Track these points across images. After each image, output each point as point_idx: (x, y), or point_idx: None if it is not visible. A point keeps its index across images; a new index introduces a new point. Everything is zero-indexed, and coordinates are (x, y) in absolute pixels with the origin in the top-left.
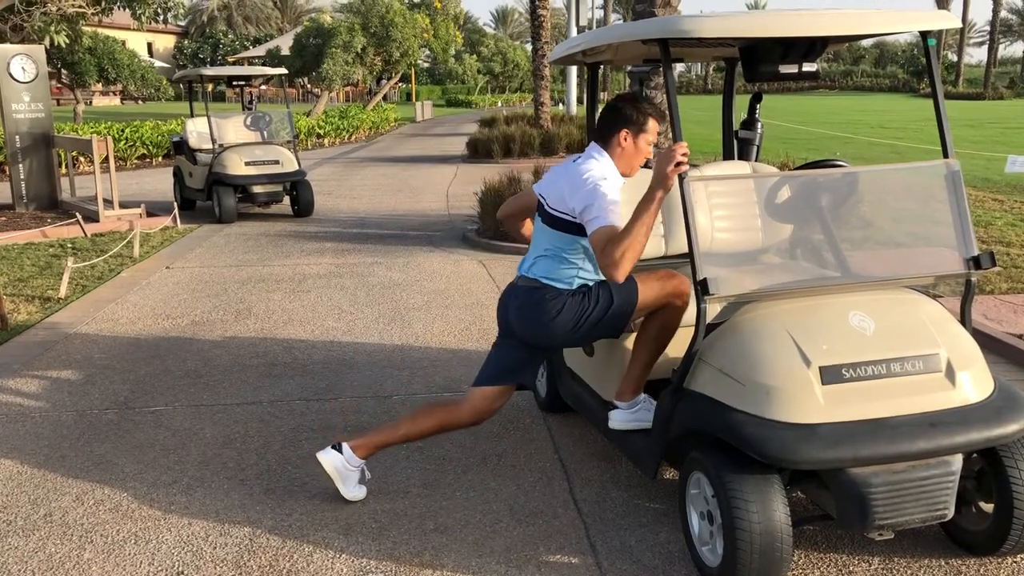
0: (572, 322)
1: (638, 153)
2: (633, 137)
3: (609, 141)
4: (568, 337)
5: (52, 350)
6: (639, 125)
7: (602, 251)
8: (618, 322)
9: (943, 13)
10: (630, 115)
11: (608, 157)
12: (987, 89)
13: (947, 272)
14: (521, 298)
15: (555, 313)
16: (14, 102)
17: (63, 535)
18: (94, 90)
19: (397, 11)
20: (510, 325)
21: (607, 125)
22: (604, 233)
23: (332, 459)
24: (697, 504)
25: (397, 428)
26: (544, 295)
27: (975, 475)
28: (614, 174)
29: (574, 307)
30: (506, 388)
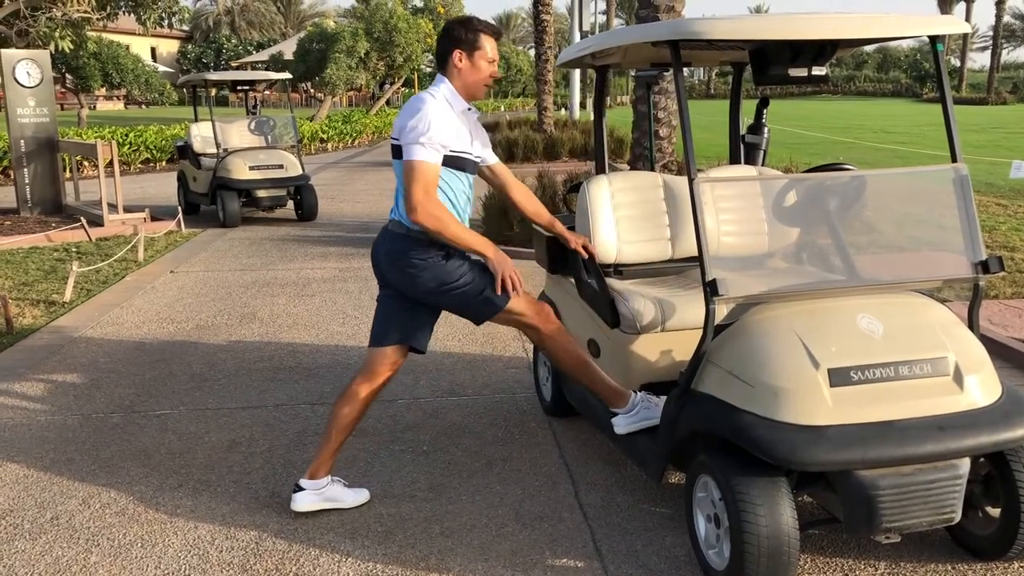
0: (436, 282)
1: (476, 71)
2: (468, 56)
3: (446, 65)
4: (430, 297)
5: (57, 354)
6: (471, 43)
7: (407, 186)
8: (482, 310)
9: (953, 18)
10: (460, 34)
11: (447, 82)
12: (990, 94)
13: (955, 276)
14: (389, 245)
15: (421, 268)
16: (19, 106)
17: (70, 538)
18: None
19: (400, 16)
20: (382, 271)
21: (440, 49)
22: (410, 167)
23: (305, 499)
24: (704, 507)
25: (329, 432)
26: (411, 245)
27: (982, 479)
28: (454, 99)
29: (443, 270)
30: (397, 348)
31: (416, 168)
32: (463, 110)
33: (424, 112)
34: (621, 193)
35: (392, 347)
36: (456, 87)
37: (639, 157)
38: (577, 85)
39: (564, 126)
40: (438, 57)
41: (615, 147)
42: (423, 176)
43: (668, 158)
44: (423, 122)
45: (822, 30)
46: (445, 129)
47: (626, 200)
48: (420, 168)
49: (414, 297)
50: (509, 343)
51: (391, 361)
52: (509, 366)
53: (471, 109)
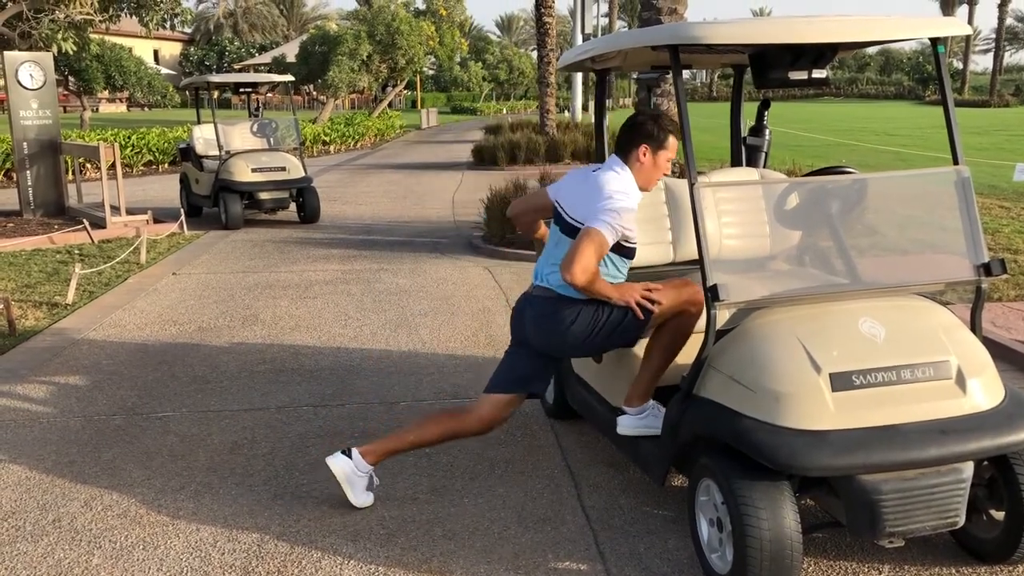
0: (587, 331)
1: (656, 169)
2: (653, 153)
3: (629, 155)
4: (583, 346)
5: (59, 356)
6: (659, 141)
7: (578, 247)
8: (633, 331)
9: (954, 20)
10: (651, 131)
11: (628, 171)
12: (993, 96)
13: (957, 279)
14: (536, 308)
15: (570, 322)
16: (22, 109)
17: (71, 541)
18: (100, 97)
19: (403, 19)
20: (524, 335)
21: (628, 139)
22: (588, 234)
23: (342, 464)
24: (706, 511)
25: (406, 435)
26: (559, 304)
27: (986, 483)
28: (634, 189)
29: (588, 316)
30: (517, 396)
31: (594, 238)
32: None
33: (620, 198)
34: None
35: (509, 396)
36: (636, 178)
37: None
38: (579, 87)
39: (566, 128)
40: (620, 145)
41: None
42: (599, 248)
43: None
44: (618, 206)
45: (822, 33)
46: (630, 219)
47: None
48: (599, 240)
49: (561, 354)
50: None
51: (503, 410)
52: None
53: None
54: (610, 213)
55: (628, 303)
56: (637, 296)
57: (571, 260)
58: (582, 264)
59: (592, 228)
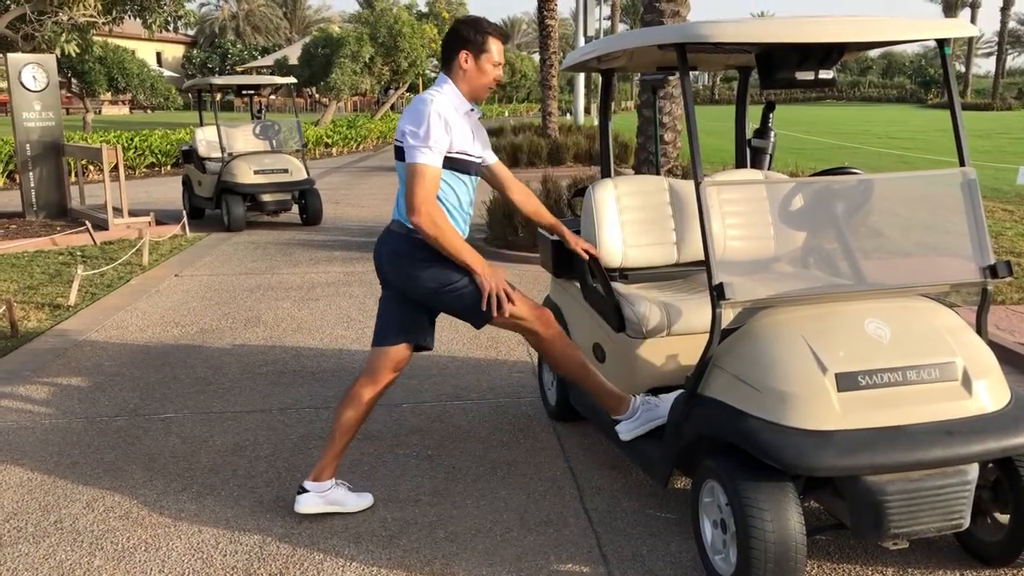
0: (436, 283)
1: (481, 74)
2: (474, 58)
3: (451, 65)
4: (429, 298)
5: (62, 357)
6: (478, 45)
7: (409, 188)
8: (478, 315)
9: (960, 22)
10: (468, 35)
11: (451, 83)
12: (995, 99)
13: (963, 280)
14: (391, 244)
15: (421, 268)
16: (25, 111)
17: (73, 542)
18: (103, 99)
19: (405, 21)
20: (384, 272)
21: (447, 48)
22: (413, 170)
23: (308, 500)
24: (710, 512)
25: (333, 434)
26: (413, 246)
27: (991, 485)
28: (451, 99)
29: (441, 272)
30: (402, 347)
31: (418, 171)
32: (466, 111)
33: (427, 114)
34: (627, 197)
35: (395, 347)
36: (460, 88)
37: (644, 162)
38: (581, 90)
39: (568, 131)
40: (443, 56)
41: (619, 152)
42: (425, 179)
43: (673, 162)
44: (425, 124)
45: (829, 33)
46: (447, 131)
47: (632, 204)
48: (422, 171)
49: (414, 298)
50: (514, 347)
51: (395, 361)
52: (514, 370)
53: (473, 110)
54: (419, 136)
55: (486, 287)
56: (497, 286)
57: (409, 203)
58: (422, 206)
59: (412, 163)
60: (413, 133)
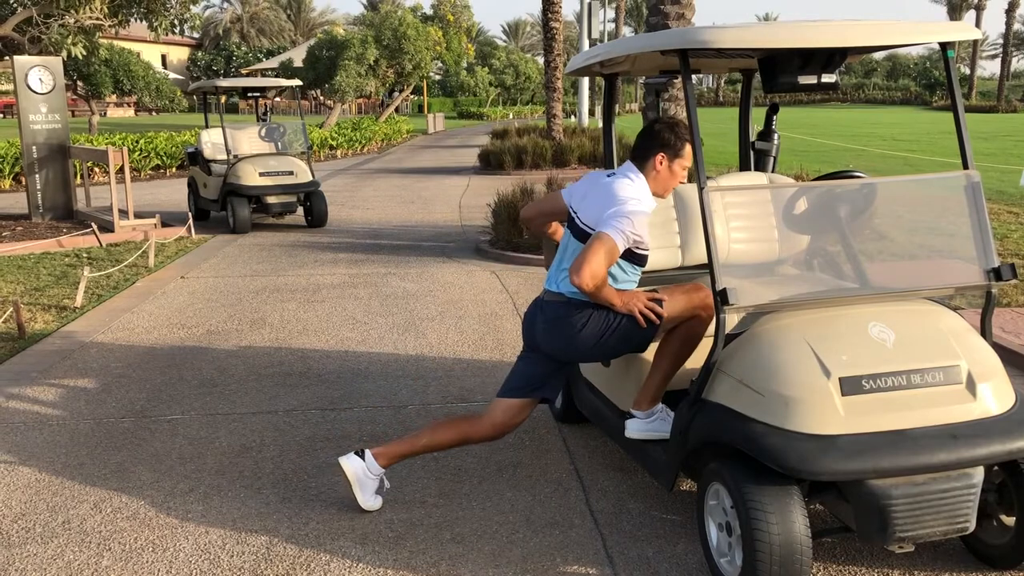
0: (597, 336)
1: (672, 177)
2: (669, 161)
3: (645, 163)
4: (594, 351)
5: (68, 359)
6: (675, 150)
7: (588, 252)
8: (644, 335)
9: (964, 25)
10: (668, 139)
11: (643, 178)
12: (1000, 102)
13: (967, 284)
14: (548, 313)
15: (580, 327)
16: (31, 113)
17: (81, 543)
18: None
19: (410, 24)
20: (536, 340)
21: (645, 147)
22: (599, 238)
23: (354, 465)
24: (716, 515)
25: (419, 439)
26: (570, 309)
27: (996, 488)
28: (647, 196)
29: (599, 321)
30: (529, 402)
31: (606, 243)
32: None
33: (633, 205)
34: None
35: (522, 400)
36: (650, 185)
37: None
38: (586, 92)
39: (573, 133)
40: (638, 150)
41: (624, 154)
42: (609, 255)
43: None
44: (630, 212)
45: (832, 38)
46: (642, 226)
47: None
48: (610, 246)
49: (572, 359)
50: (518, 349)
51: (516, 414)
52: None
53: None
54: (622, 219)
55: (631, 312)
56: (640, 305)
57: (580, 264)
58: (591, 269)
59: (603, 233)
60: (615, 215)
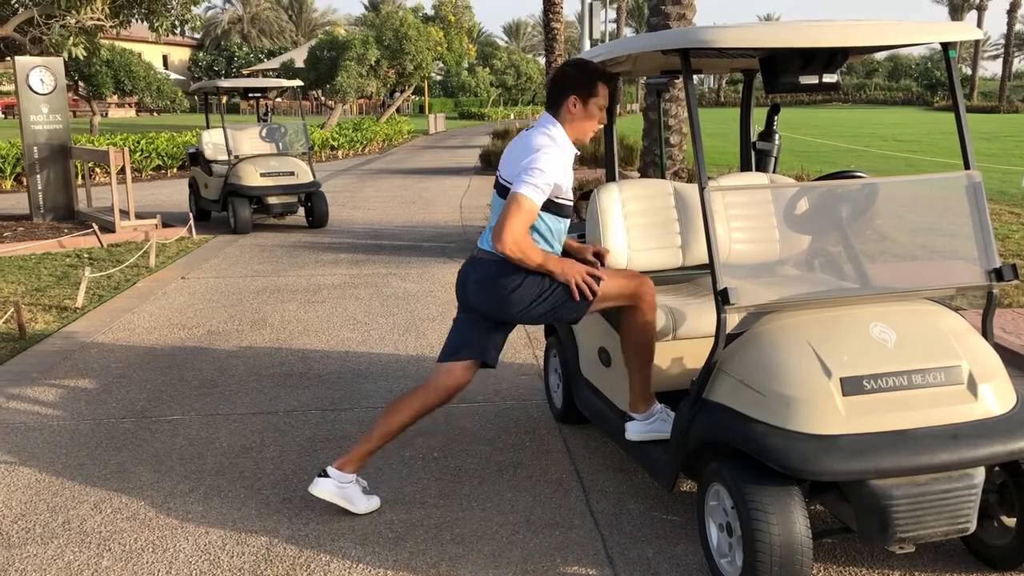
0: (529, 298)
1: (588, 118)
2: (583, 103)
3: (559, 108)
4: (525, 313)
5: (69, 359)
6: (587, 90)
7: (505, 216)
8: (576, 308)
9: (965, 25)
10: (577, 79)
11: (559, 126)
12: (1002, 102)
13: (969, 284)
14: (480, 272)
15: (512, 288)
16: (32, 114)
17: (81, 543)
18: (110, 102)
19: (411, 24)
20: (469, 299)
21: (556, 93)
22: (514, 199)
23: (325, 486)
24: (716, 516)
25: (373, 432)
26: (502, 268)
27: (997, 489)
28: (563, 143)
29: (533, 285)
30: (469, 364)
31: (519, 202)
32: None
33: (543, 154)
34: (632, 201)
35: (461, 364)
36: (567, 131)
37: (649, 164)
38: None
39: None
40: (551, 97)
41: (624, 155)
42: (524, 212)
43: (679, 166)
44: (540, 163)
45: (833, 38)
46: (558, 175)
47: (637, 208)
48: (523, 204)
49: (503, 319)
50: (520, 350)
51: (456, 379)
52: (520, 373)
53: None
54: (533, 171)
55: (568, 282)
56: (578, 277)
57: (500, 229)
58: (512, 234)
59: (516, 193)
60: (527, 167)
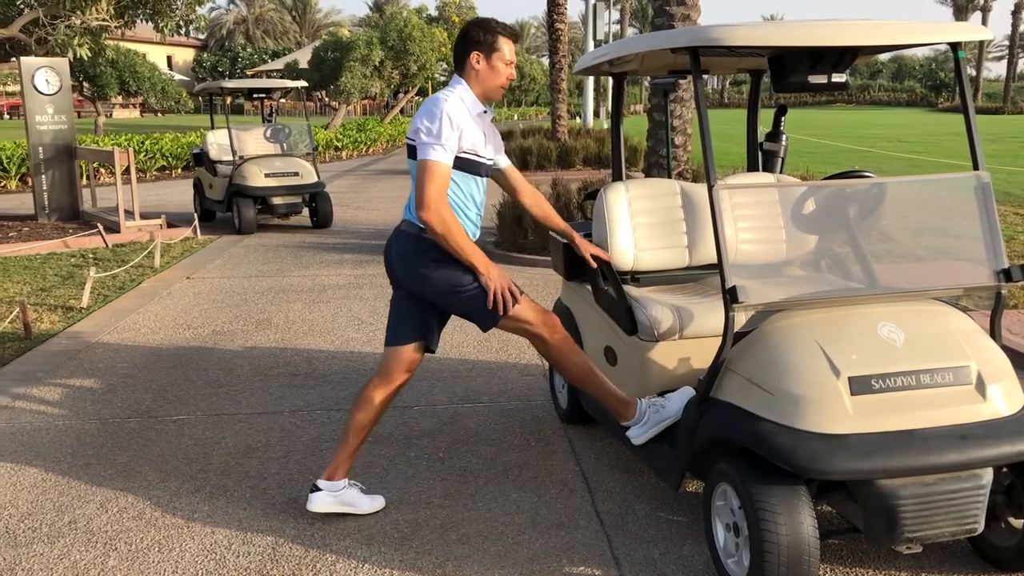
0: (447, 285)
1: (494, 74)
2: (485, 58)
3: (463, 67)
4: (439, 297)
5: (74, 359)
6: (489, 45)
7: (419, 185)
8: (486, 315)
9: (973, 25)
10: (478, 36)
11: (464, 84)
12: (1007, 103)
13: (977, 284)
14: (402, 244)
15: (432, 266)
16: (38, 114)
17: (87, 542)
18: (114, 102)
19: (415, 25)
20: (395, 273)
21: (458, 50)
22: (423, 166)
23: (321, 499)
24: (723, 516)
25: (347, 433)
26: (424, 246)
27: (1005, 490)
28: (469, 99)
29: (455, 273)
30: (415, 346)
31: (429, 168)
32: (478, 112)
33: (439, 113)
34: (638, 200)
35: (408, 347)
36: (473, 89)
37: (654, 165)
38: (591, 94)
39: (578, 134)
40: (455, 58)
41: (629, 155)
42: (435, 176)
43: (683, 166)
44: (437, 123)
45: (843, 37)
46: (459, 131)
47: (643, 207)
48: (433, 168)
49: (424, 298)
50: (524, 350)
51: (407, 361)
52: (525, 373)
53: (486, 112)
54: (432, 132)
55: (489, 287)
56: (499, 287)
57: (420, 198)
58: (431, 202)
59: (423, 159)
60: (426, 130)
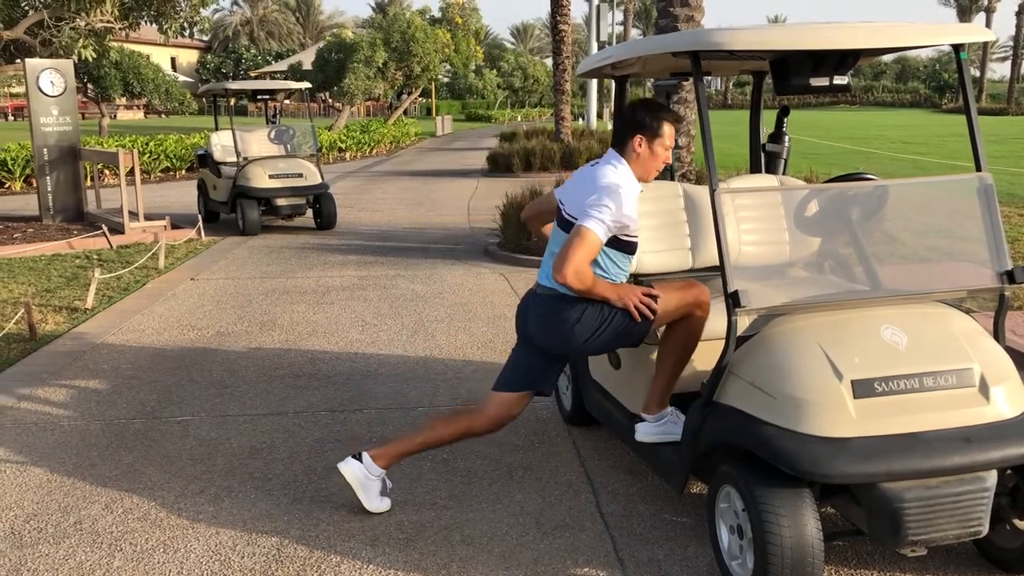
0: (591, 330)
1: (654, 158)
2: (648, 143)
3: (625, 147)
4: (587, 345)
5: (79, 360)
6: (654, 130)
7: (568, 249)
8: (638, 331)
9: (977, 27)
10: (644, 120)
11: (625, 164)
12: (1011, 104)
13: (980, 286)
14: (541, 307)
15: (574, 321)
16: (42, 115)
17: (93, 543)
18: (118, 104)
19: (418, 26)
20: (529, 332)
21: (623, 131)
22: (578, 232)
23: (352, 468)
24: (727, 518)
25: (416, 436)
26: (563, 303)
27: (1009, 492)
28: (631, 181)
29: (594, 315)
30: (525, 394)
31: (584, 236)
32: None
33: (611, 190)
34: (641, 203)
35: (518, 394)
36: (633, 170)
37: None
38: (594, 95)
39: (581, 135)
40: (616, 136)
41: None
42: (589, 246)
43: (686, 167)
44: (608, 199)
45: (845, 40)
46: (625, 212)
47: (646, 210)
48: (591, 240)
49: (566, 352)
50: None
51: (512, 407)
52: None
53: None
54: (601, 208)
55: (627, 306)
56: (635, 299)
57: (562, 262)
58: (574, 266)
59: (581, 227)
60: (595, 202)
